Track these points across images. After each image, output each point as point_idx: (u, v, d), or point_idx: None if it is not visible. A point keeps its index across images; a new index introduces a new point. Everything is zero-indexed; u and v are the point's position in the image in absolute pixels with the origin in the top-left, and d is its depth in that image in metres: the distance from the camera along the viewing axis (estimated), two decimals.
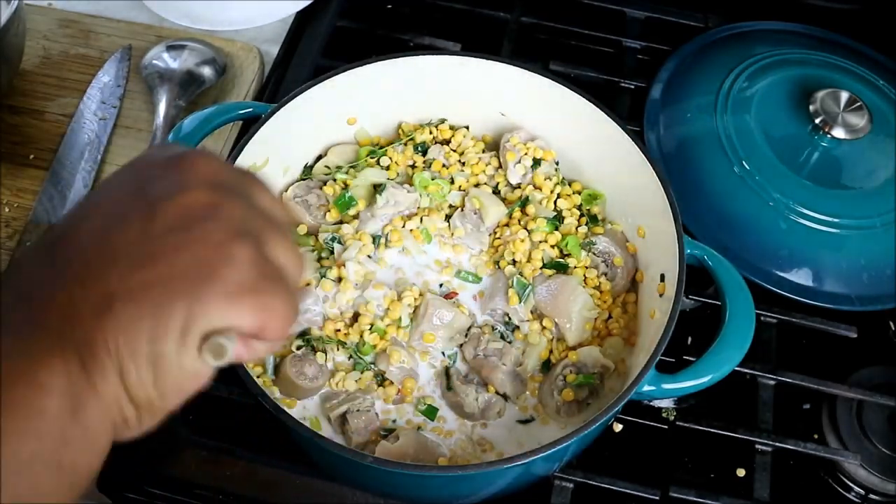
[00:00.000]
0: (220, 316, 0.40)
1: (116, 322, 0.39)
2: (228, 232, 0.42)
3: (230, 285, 0.41)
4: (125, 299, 0.39)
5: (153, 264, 0.40)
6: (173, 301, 0.39)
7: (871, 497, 0.76)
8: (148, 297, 0.39)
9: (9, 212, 0.84)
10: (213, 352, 0.41)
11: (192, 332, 0.40)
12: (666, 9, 1.04)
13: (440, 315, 0.72)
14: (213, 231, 0.41)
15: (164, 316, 0.39)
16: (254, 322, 0.42)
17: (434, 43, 0.98)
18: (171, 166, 0.44)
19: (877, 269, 0.83)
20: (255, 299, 0.41)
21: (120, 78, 0.94)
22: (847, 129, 0.85)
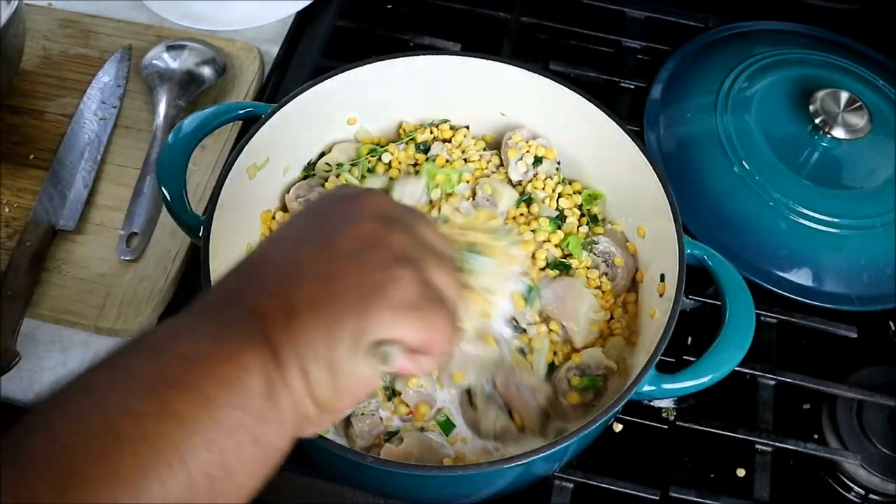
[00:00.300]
0: (387, 328, 0.46)
1: (299, 329, 0.45)
2: (393, 258, 0.48)
3: (394, 302, 0.47)
4: (306, 311, 0.45)
5: (329, 283, 0.47)
6: (345, 314, 0.46)
7: (871, 497, 0.76)
8: (324, 310, 0.46)
9: (9, 212, 0.84)
10: (379, 358, 0.46)
11: (361, 341, 0.46)
12: (666, 9, 1.04)
13: (469, 353, 0.69)
14: (379, 257, 0.48)
15: (338, 326, 0.45)
16: (417, 336, 0.47)
17: (434, 43, 0.98)
18: (347, 202, 0.52)
19: (877, 269, 0.83)
20: (418, 316, 0.47)
21: (120, 78, 0.94)
22: (847, 129, 0.85)
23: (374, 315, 0.46)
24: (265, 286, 0.47)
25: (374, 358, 0.46)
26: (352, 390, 0.47)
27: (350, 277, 0.47)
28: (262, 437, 0.44)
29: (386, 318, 0.46)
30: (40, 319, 0.79)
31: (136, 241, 0.82)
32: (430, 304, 0.48)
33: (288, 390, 0.45)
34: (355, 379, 0.46)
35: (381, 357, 0.46)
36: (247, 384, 0.43)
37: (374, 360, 0.46)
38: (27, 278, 0.78)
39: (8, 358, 0.74)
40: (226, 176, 0.70)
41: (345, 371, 0.46)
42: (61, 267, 0.81)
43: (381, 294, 0.46)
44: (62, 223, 0.83)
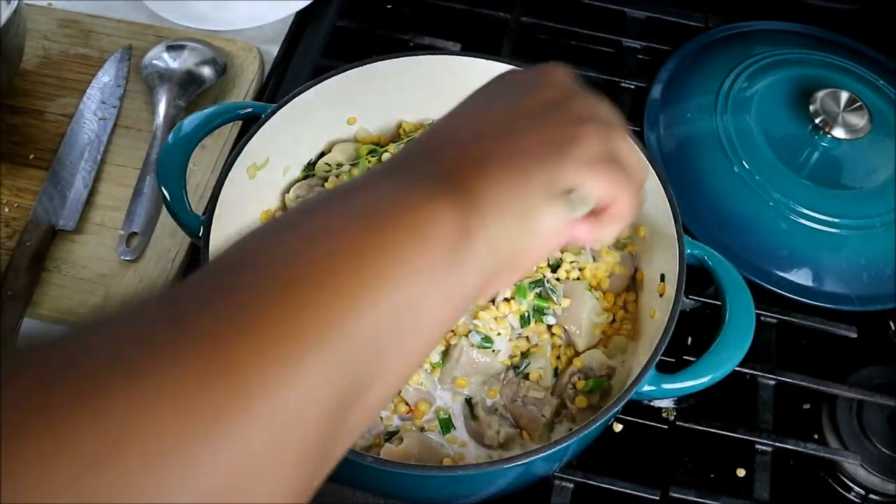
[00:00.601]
0: (576, 177, 0.47)
1: (490, 177, 0.45)
2: (580, 118, 0.49)
3: (582, 156, 0.47)
4: (495, 161, 0.46)
5: (518, 138, 0.48)
6: (534, 165, 0.46)
7: (871, 497, 0.76)
8: (514, 160, 0.46)
9: (9, 212, 0.84)
10: (573, 203, 0.47)
11: (551, 190, 0.46)
12: (666, 9, 1.04)
13: (475, 360, 0.70)
14: (565, 116, 0.49)
15: (528, 175, 0.46)
16: (605, 189, 0.48)
17: (434, 43, 0.98)
18: (533, 72, 0.54)
19: (877, 269, 0.83)
20: (605, 169, 0.48)
21: (120, 78, 0.94)
22: (847, 129, 0.85)
23: (564, 165, 0.47)
24: (452, 144, 0.48)
25: (566, 204, 0.47)
26: (540, 242, 0.47)
27: (537, 133, 0.48)
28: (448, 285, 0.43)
29: (575, 168, 0.47)
30: (40, 319, 0.79)
31: (136, 241, 0.82)
32: (614, 164, 0.49)
33: (479, 240, 0.44)
34: (545, 230, 0.47)
35: (575, 201, 0.47)
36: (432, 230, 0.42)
37: (566, 206, 0.47)
38: (27, 278, 0.78)
39: None
40: (226, 176, 0.70)
41: (535, 221, 0.46)
42: (61, 267, 0.81)
43: (570, 147, 0.47)
44: (62, 223, 0.83)
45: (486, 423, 0.68)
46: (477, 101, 0.52)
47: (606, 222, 0.50)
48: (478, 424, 0.69)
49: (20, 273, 0.78)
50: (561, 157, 0.47)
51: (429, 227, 0.42)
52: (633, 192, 0.50)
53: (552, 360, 0.72)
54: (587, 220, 0.49)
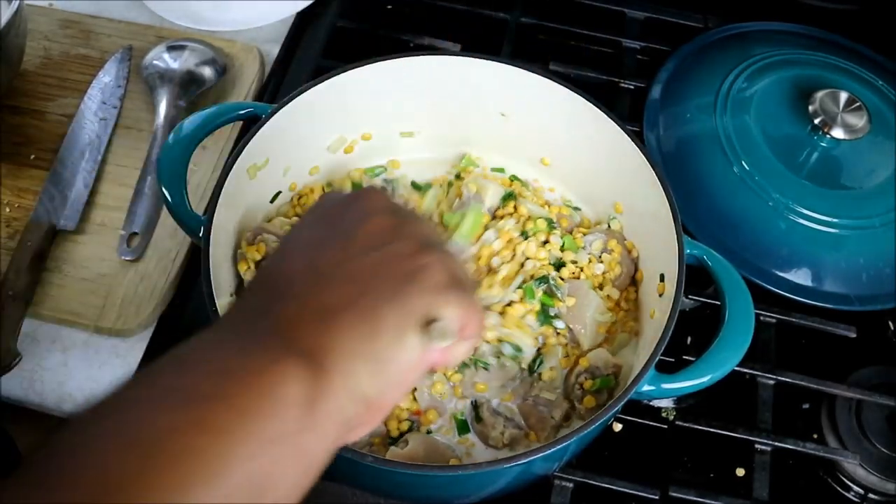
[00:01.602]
0: (431, 307, 0.46)
1: (337, 327, 0.44)
2: (416, 245, 0.48)
3: (431, 284, 0.47)
4: (341, 309, 0.45)
5: (359, 279, 0.46)
6: (383, 305, 0.45)
7: (871, 496, 0.76)
8: (361, 305, 0.45)
9: (9, 212, 0.84)
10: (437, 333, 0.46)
11: (404, 326, 0.45)
12: (666, 9, 1.05)
13: (493, 365, 0.71)
14: (402, 246, 0.48)
15: (380, 316, 0.45)
16: (458, 314, 0.47)
17: (434, 43, 0.98)
18: (352, 202, 0.52)
19: (876, 269, 0.84)
20: (456, 294, 0.48)
21: (120, 78, 0.94)
22: (846, 129, 0.85)
23: (416, 298, 0.46)
24: (291, 295, 0.46)
25: (426, 337, 0.46)
26: (399, 380, 0.47)
27: (379, 271, 0.47)
28: (305, 447, 0.42)
29: (427, 299, 0.46)
30: (41, 319, 0.79)
31: (136, 241, 0.82)
32: (460, 285, 0.48)
33: (327, 396, 0.43)
34: (402, 368, 0.46)
35: (440, 332, 0.46)
36: (283, 394, 0.41)
37: (427, 338, 0.46)
38: (28, 278, 0.78)
39: (9, 358, 0.74)
40: (226, 176, 0.70)
41: (389, 362, 0.45)
42: (62, 267, 0.81)
43: (415, 280, 0.47)
44: (63, 223, 0.83)
45: (490, 424, 0.69)
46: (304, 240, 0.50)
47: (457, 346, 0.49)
48: (482, 426, 0.69)
49: (21, 273, 0.78)
50: (411, 292, 0.46)
51: (279, 392, 0.41)
52: (480, 310, 0.50)
53: (561, 361, 0.72)
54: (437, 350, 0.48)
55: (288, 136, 0.76)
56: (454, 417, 0.70)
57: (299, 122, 0.76)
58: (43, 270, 0.80)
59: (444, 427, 0.70)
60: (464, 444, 0.69)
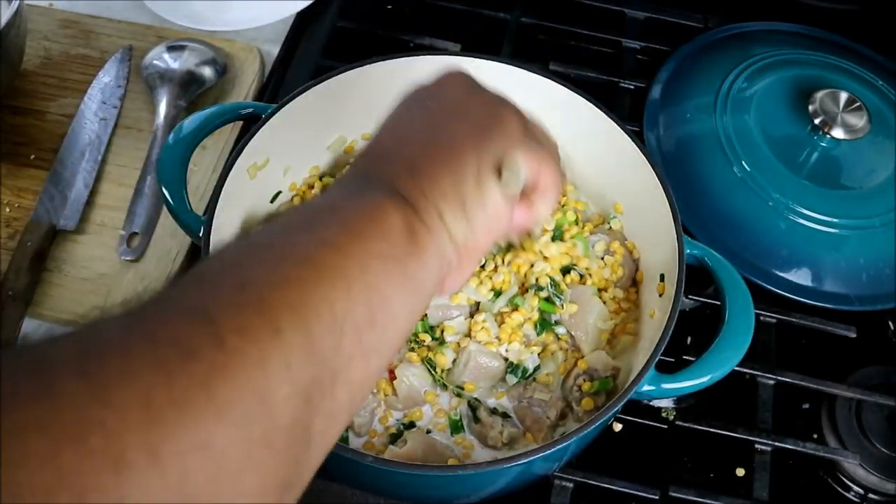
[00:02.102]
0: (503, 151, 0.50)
1: (425, 178, 0.48)
2: (493, 102, 0.53)
3: (506, 135, 0.51)
4: (425, 163, 0.49)
5: (440, 136, 0.51)
6: (462, 153, 0.49)
7: (871, 496, 0.76)
8: (442, 156, 0.49)
9: (10, 212, 0.84)
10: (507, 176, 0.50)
11: (483, 172, 0.49)
12: (666, 9, 1.05)
13: (482, 365, 0.70)
14: (480, 106, 0.53)
15: (459, 165, 0.49)
16: (529, 161, 0.51)
17: (434, 43, 0.98)
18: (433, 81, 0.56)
19: (876, 269, 0.84)
20: (530, 145, 0.52)
21: (120, 78, 0.94)
22: (846, 129, 0.85)
23: (491, 143, 0.50)
24: (384, 160, 0.50)
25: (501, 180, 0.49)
26: (486, 225, 0.49)
27: (458, 126, 0.51)
28: (409, 271, 0.45)
29: (501, 145, 0.50)
30: (41, 319, 0.79)
31: (136, 241, 0.82)
32: (537, 143, 0.52)
33: (428, 232, 0.46)
34: (487, 212, 0.49)
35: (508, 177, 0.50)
36: (387, 222, 0.45)
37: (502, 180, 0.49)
38: (28, 278, 0.78)
39: None
40: (226, 176, 0.70)
41: (476, 205, 0.48)
42: (62, 267, 0.81)
43: (492, 130, 0.51)
44: (63, 223, 0.83)
45: (488, 424, 0.69)
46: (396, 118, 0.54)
47: (538, 200, 0.54)
48: (481, 427, 0.69)
49: (21, 273, 0.78)
50: (487, 138, 0.50)
51: (384, 220, 0.45)
52: (555, 164, 0.54)
53: (559, 366, 0.72)
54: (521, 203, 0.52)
55: (288, 136, 0.76)
56: (448, 417, 0.70)
57: (299, 122, 0.76)
58: (43, 270, 0.80)
59: (439, 424, 0.70)
60: (461, 444, 0.69)
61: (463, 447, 0.69)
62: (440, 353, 0.70)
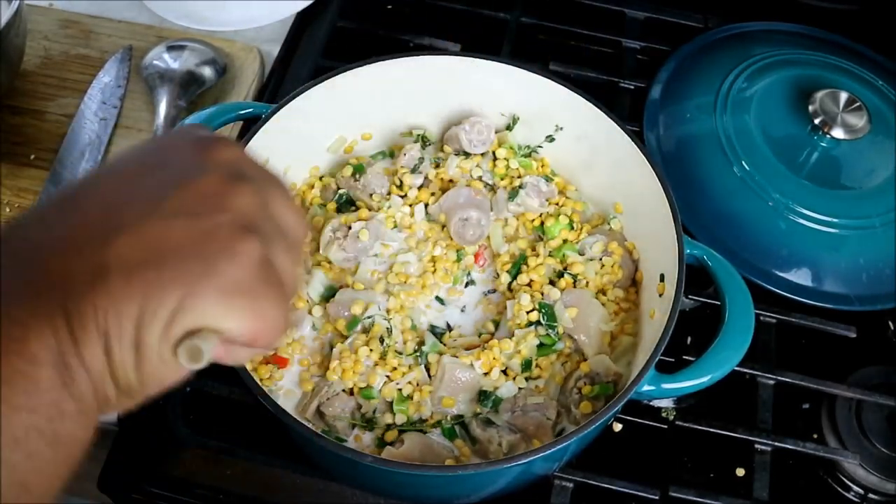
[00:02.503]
0: (212, 314, 0.39)
1: (107, 296, 0.37)
2: (236, 226, 0.41)
3: (226, 282, 0.39)
4: (120, 275, 0.38)
5: (153, 245, 0.39)
6: (166, 287, 0.38)
7: (871, 496, 0.76)
8: (142, 278, 0.38)
9: (10, 212, 0.84)
10: (189, 353, 0.39)
11: (177, 324, 0.39)
12: (665, 9, 1.05)
13: (459, 377, 0.69)
14: (218, 221, 0.40)
15: (154, 301, 0.38)
16: (242, 326, 0.40)
17: (434, 43, 0.98)
18: (195, 149, 0.43)
19: (876, 269, 0.84)
20: (251, 303, 0.40)
21: (120, 78, 0.94)
22: (846, 129, 0.85)
23: (199, 295, 0.39)
24: (71, 239, 0.39)
25: (183, 352, 0.39)
26: (158, 378, 0.40)
27: (179, 241, 0.39)
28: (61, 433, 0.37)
29: (211, 301, 0.39)
30: None
31: None
32: (266, 288, 0.41)
33: (86, 372, 0.38)
34: (164, 367, 0.40)
35: (192, 352, 0.39)
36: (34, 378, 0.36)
37: (184, 354, 0.39)
38: None
39: None
40: None
41: (152, 356, 0.39)
42: None
43: (213, 269, 0.39)
44: None
45: (485, 439, 0.67)
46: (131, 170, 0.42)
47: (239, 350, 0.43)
48: (479, 445, 0.68)
49: None
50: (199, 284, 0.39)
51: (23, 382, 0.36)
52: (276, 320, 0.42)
53: (559, 378, 0.71)
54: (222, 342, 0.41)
55: (288, 136, 0.76)
56: (441, 426, 0.69)
57: (299, 122, 0.76)
58: None
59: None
60: (459, 445, 0.69)
61: (460, 447, 0.69)
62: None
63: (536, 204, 0.77)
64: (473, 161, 0.80)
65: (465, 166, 0.79)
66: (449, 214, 0.76)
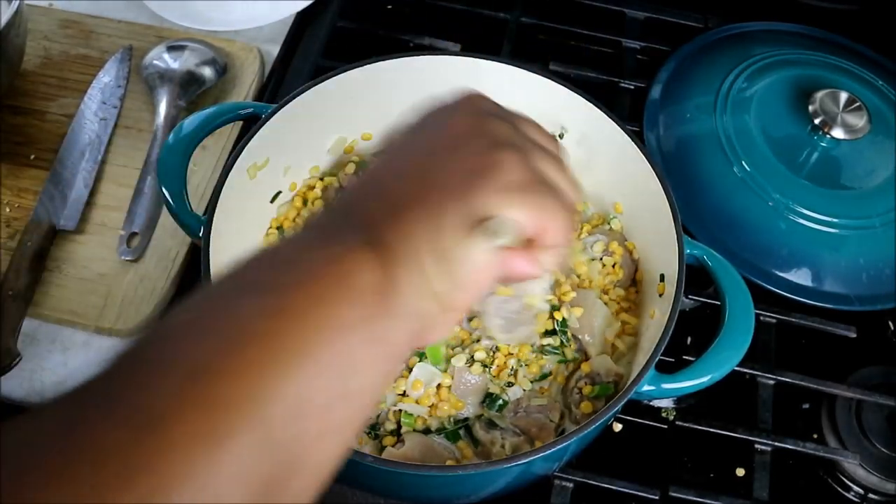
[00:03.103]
0: (494, 205, 0.44)
1: (405, 222, 0.43)
2: (493, 143, 0.46)
3: (500, 184, 0.45)
4: (407, 206, 0.44)
5: (428, 176, 0.45)
6: (448, 200, 0.44)
7: (871, 496, 0.76)
8: (426, 201, 0.44)
9: (10, 212, 0.84)
10: (490, 232, 0.44)
11: (469, 223, 0.44)
12: (666, 9, 1.05)
13: (467, 381, 0.69)
14: (479, 144, 0.46)
15: (442, 213, 0.44)
16: (528, 217, 0.45)
17: (434, 43, 0.98)
18: (443, 106, 0.51)
19: (876, 269, 0.84)
20: (528, 196, 0.45)
21: (120, 78, 0.94)
22: (846, 129, 0.85)
23: (480, 195, 0.44)
24: (368, 194, 0.46)
25: (484, 234, 0.44)
26: (470, 280, 0.44)
27: (449, 166, 0.46)
28: (378, 333, 0.41)
29: (492, 198, 0.44)
30: (41, 319, 0.79)
31: (136, 241, 0.82)
32: (540, 187, 0.46)
33: (405, 285, 0.42)
34: (472, 267, 0.44)
35: (494, 230, 0.44)
36: (358, 281, 0.41)
37: (485, 236, 0.44)
38: (28, 278, 0.78)
39: (9, 358, 0.74)
40: (226, 176, 0.70)
41: (458, 258, 0.44)
42: (62, 267, 0.81)
43: (484, 176, 0.45)
44: (63, 223, 0.83)
45: (487, 441, 0.68)
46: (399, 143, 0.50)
47: (540, 251, 0.47)
48: (482, 447, 0.68)
49: (21, 273, 0.78)
50: (476, 187, 0.44)
51: (352, 280, 0.41)
52: (563, 216, 0.47)
53: (560, 378, 0.71)
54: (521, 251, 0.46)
55: (288, 136, 0.76)
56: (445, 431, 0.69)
57: (299, 122, 0.76)
58: (43, 270, 0.80)
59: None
60: (460, 446, 0.69)
61: (462, 448, 0.69)
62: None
63: None
64: None
65: None
66: None
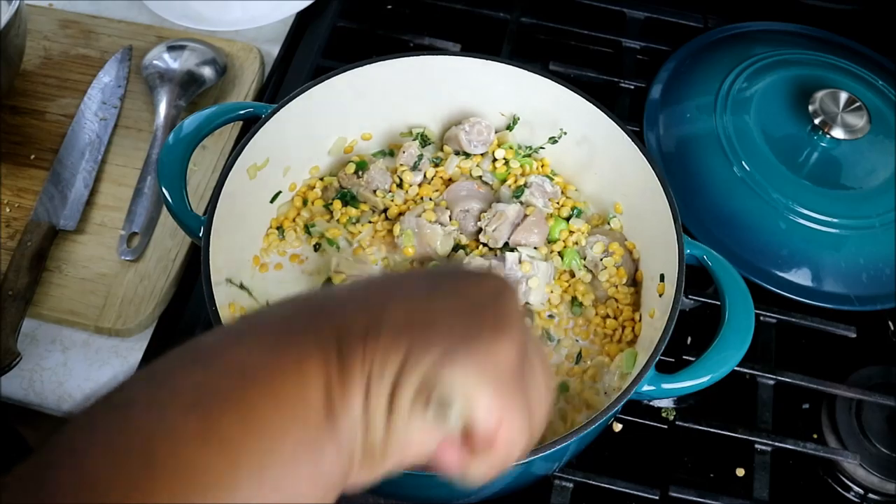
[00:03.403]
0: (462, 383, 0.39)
1: (376, 343, 0.38)
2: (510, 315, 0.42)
3: (487, 360, 0.39)
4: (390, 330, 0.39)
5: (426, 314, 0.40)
6: (429, 344, 0.39)
7: (871, 496, 0.76)
8: (409, 335, 0.39)
9: (9, 212, 0.84)
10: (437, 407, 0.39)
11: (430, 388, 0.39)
12: (665, 9, 1.05)
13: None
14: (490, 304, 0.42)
15: (415, 356, 0.39)
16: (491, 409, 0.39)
17: (434, 43, 0.98)
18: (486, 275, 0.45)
19: (876, 269, 0.84)
20: (504, 388, 0.40)
21: (120, 78, 0.94)
22: (846, 129, 0.85)
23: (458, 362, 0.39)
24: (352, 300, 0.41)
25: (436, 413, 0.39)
26: (401, 446, 0.40)
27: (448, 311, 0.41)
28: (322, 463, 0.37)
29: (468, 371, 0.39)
30: (41, 319, 0.79)
31: (136, 241, 0.82)
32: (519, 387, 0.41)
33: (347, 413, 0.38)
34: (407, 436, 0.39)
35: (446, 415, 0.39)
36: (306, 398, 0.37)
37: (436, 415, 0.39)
38: (28, 278, 0.78)
39: (9, 358, 0.74)
40: (226, 176, 0.70)
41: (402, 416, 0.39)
42: (62, 267, 0.81)
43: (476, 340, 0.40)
44: (63, 223, 0.83)
45: None
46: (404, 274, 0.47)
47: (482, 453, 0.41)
48: None
49: (21, 273, 0.78)
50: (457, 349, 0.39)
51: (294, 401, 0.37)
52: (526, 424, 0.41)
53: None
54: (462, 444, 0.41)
55: (288, 136, 0.76)
56: None
57: (299, 122, 0.76)
58: (43, 270, 0.80)
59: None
60: None
61: None
62: None
63: (541, 203, 0.77)
64: (473, 161, 0.80)
65: (465, 166, 0.80)
66: (451, 207, 0.77)
